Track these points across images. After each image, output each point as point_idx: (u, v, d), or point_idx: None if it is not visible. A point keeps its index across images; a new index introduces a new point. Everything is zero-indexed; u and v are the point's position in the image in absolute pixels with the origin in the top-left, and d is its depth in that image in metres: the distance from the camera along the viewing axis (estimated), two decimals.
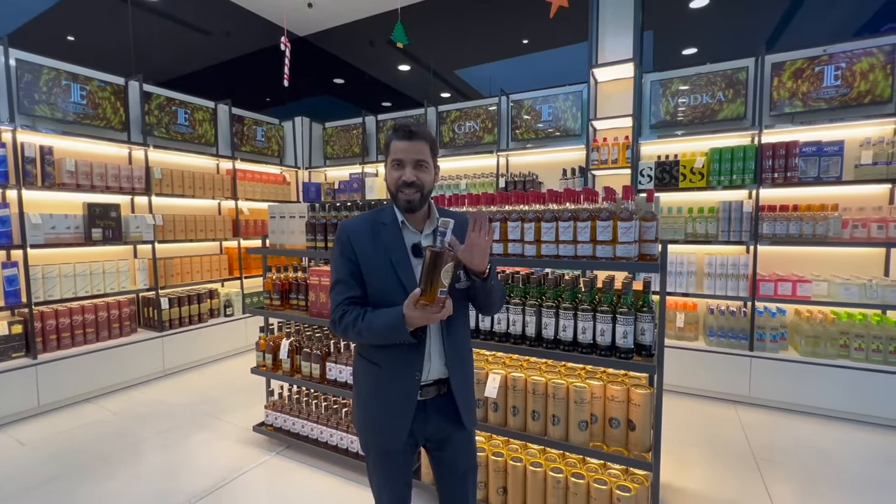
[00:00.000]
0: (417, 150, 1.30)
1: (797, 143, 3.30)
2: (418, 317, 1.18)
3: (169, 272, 4.30)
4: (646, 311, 1.80)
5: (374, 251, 1.32)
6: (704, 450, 2.78)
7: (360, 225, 1.37)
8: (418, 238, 1.36)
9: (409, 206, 1.31)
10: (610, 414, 1.85)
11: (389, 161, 1.33)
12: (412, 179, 1.29)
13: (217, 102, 4.97)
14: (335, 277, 1.37)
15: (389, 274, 1.30)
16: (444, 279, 1.13)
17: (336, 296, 1.35)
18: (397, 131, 1.32)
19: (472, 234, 1.21)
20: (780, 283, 3.36)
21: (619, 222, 1.76)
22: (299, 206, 2.68)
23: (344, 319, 1.30)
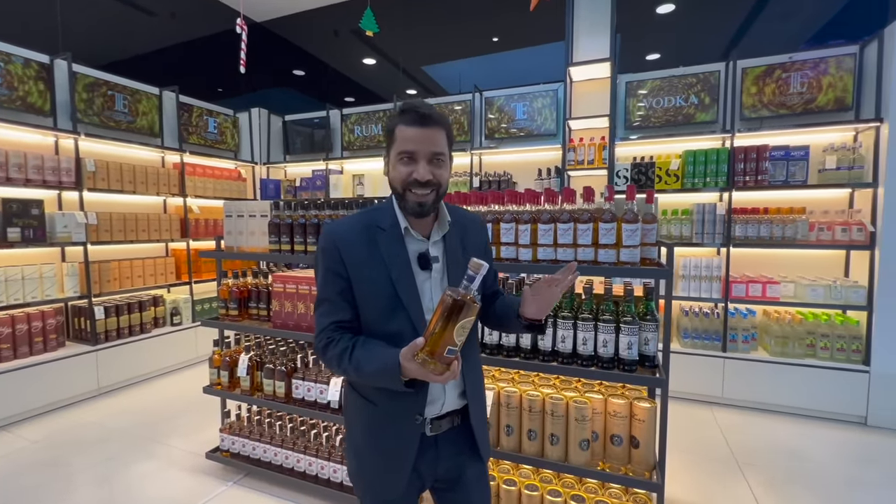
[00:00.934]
0: (433, 141, 1.03)
1: (767, 147, 3.36)
2: (416, 371, 0.93)
3: (104, 277, 3.81)
4: (649, 319, 1.68)
5: (370, 264, 1.06)
6: (689, 454, 2.74)
7: (350, 230, 1.09)
8: (425, 246, 1.11)
9: (420, 209, 1.05)
10: (612, 431, 1.72)
11: (395, 153, 1.05)
12: (427, 178, 1.03)
13: (162, 89, 4.49)
14: (321, 296, 1.11)
15: (388, 293, 1.05)
16: (457, 336, 0.88)
17: (321, 317, 1.11)
18: (406, 114, 1.04)
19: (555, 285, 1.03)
20: (750, 285, 3.40)
21: (624, 224, 1.62)
22: (260, 203, 2.38)
23: (329, 351, 1.07)
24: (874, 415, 3.07)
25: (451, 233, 1.14)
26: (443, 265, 1.12)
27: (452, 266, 1.12)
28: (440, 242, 1.14)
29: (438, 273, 1.11)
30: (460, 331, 0.88)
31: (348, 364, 1.03)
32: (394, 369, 0.95)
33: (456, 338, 0.88)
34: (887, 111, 3.01)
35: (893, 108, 2.98)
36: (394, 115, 1.08)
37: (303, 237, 2.20)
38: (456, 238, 1.15)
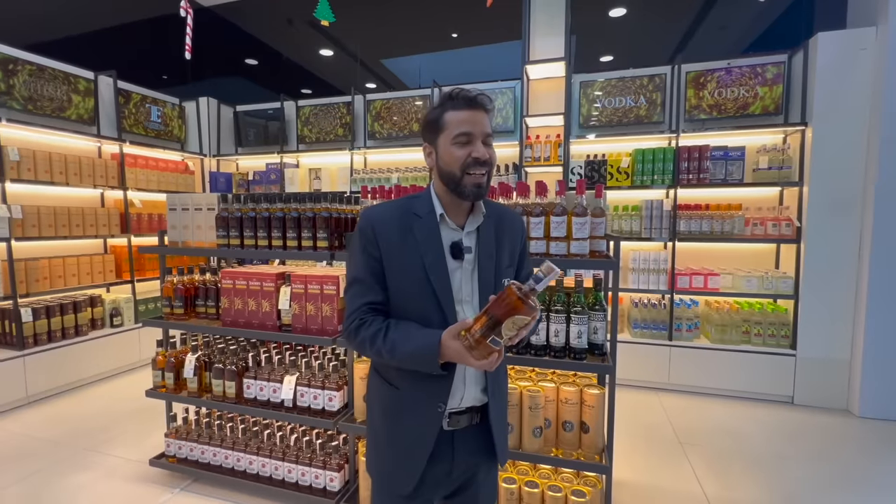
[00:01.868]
0: (484, 122, 1.06)
1: (708, 147, 3.57)
2: (456, 351, 0.94)
3: (32, 276, 3.51)
4: (598, 309, 1.74)
5: (404, 249, 1.07)
6: (636, 438, 2.88)
7: (388, 215, 1.10)
8: (459, 235, 1.11)
9: (478, 190, 1.06)
10: (564, 417, 1.78)
11: (450, 137, 1.05)
12: (486, 156, 1.05)
13: (98, 73, 4.17)
14: (352, 275, 1.12)
15: (420, 279, 1.06)
16: (506, 330, 0.88)
17: (352, 299, 1.10)
18: (454, 100, 1.06)
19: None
20: (693, 277, 3.62)
21: (574, 218, 1.68)
22: (207, 196, 2.27)
23: (360, 333, 1.06)
24: (800, 394, 3.35)
25: (486, 225, 1.15)
26: (475, 256, 1.12)
27: (484, 258, 1.12)
28: (474, 233, 1.14)
29: (470, 264, 1.11)
30: (511, 325, 0.88)
31: (382, 345, 1.02)
32: (433, 347, 0.96)
33: (505, 331, 0.88)
34: (811, 116, 3.28)
35: (817, 113, 3.24)
36: (436, 105, 1.10)
37: (253, 231, 2.12)
38: (490, 230, 1.15)
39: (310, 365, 2.18)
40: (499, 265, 1.14)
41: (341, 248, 2.04)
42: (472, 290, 1.11)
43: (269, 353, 2.27)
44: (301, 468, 2.14)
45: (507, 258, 1.17)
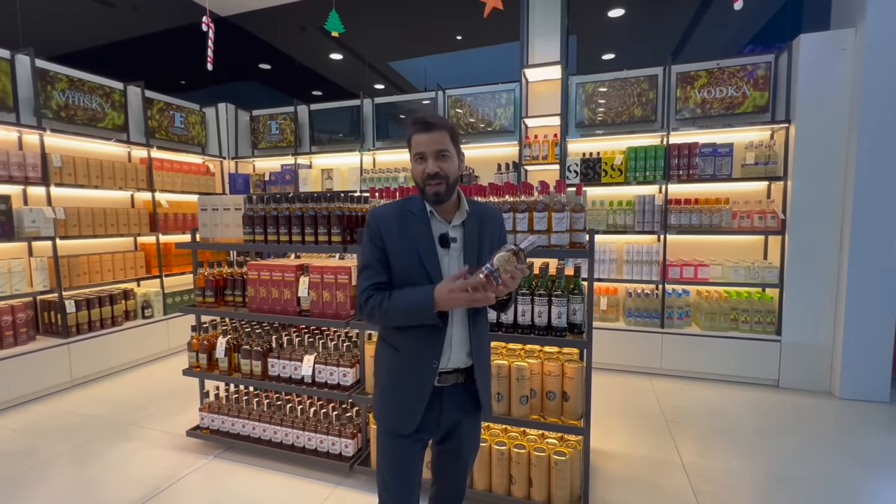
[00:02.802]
0: (437, 141, 1.30)
1: (697, 144, 3.77)
2: (448, 294, 1.18)
3: (74, 272, 3.86)
4: (577, 293, 1.99)
5: (401, 240, 1.33)
6: (624, 417, 3.11)
7: (388, 213, 1.37)
8: (445, 228, 1.36)
9: (436, 197, 1.32)
10: (547, 388, 2.03)
11: (412, 156, 1.35)
12: (435, 170, 1.29)
13: (127, 83, 4.51)
14: (363, 262, 1.39)
15: (415, 264, 1.32)
16: (497, 261, 1.14)
17: (364, 280, 1.37)
18: (415, 125, 1.32)
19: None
20: (684, 268, 3.82)
21: (553, 213, 1.92)
22: (234, 197, 2.56)
23: (370, 302, 1.32)
24: (785, 378, 3.55)
25: (470, 220, 1.39)
26: (460, 245, 1.38)
27: (468, 247, 1.37)
28: (459, 227, 1.38)
29: (456, 252, 1.37)
30: (502, 261, 1.14)
31: (389, 304, 1.28)
32: (428, 296, 1.22)
33: (495, 261, 1.15)
34: (795, 114, 3.45)
35: (800, 111, 3.42)
36: (409, 126, 1.37)
37: (275, 228, 2.41)
38: (474, 225, 1.40)
39: (326, 345, 2.46)
40: (481, 252, 1.40)
41: (353, 242, 2.32)
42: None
43: (290, 335, 2.57)
44: (319, 436, 2.43)
45: (489, 247, 1.42)
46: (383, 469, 1.42)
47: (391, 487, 1.39)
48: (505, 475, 2.06)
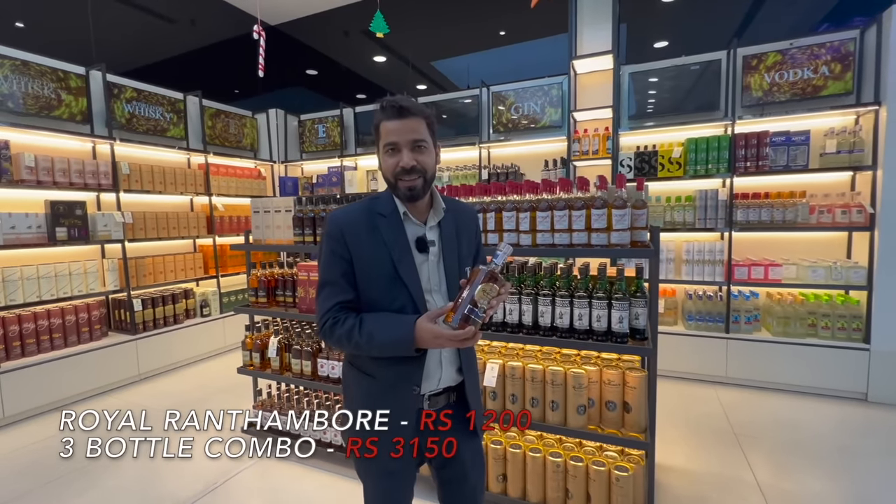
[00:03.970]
0: (412, 129, 1.12)
1: (767, 133, 3.45)
2: (431, 334, 1.04)
3: (140, 272, 4.11)
4: (639, 296, 1.84)
5: (372, 247, 1.14)
6: (688, 429, 2.89)
7: (354, 217, 1.17)
8: (422, 231, 1.20)
9: (411, 194, 1.14)
10: (606, 397, 1.90)
11: (381, 146, 1.15)
12: (411, 164, 1.12)
13: (186, 94, 4.76)
14: (324, 278, 1.18)
15: (389, 273, 1.14)
16: (479, 298, 1.01)
17: (324, 301, 1.17)
18: (385, 110, 1.13)
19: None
20: (753, 268, 3.51)
21: (614, 210, 1.79)
22: (284, 199, 2.60)
23: (336, 330, 1.13)
24: (875, 391, 3.16)
25: (446, 219, 1.24)
26: (438, 248, 1.22)
27: (448, 250, 1.22)
28: (436, 228, 1.23)
29: (435, 256, 1.21)
30: (483, 295, 1.02)
31: (360, 337, 1.09)
32: (408, 334, 1.05)
33: (480, 301, 1.02)
34: (885, 95, 3.07)
35: (892, 91, 3.04)
36: (377, 112, 1.15)
37: None
38: (451, 224, 1.25)
39: None
40: (460, 255, 1.26)
41: None
42: (439, 279, 1.22)
43: None
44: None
45: (466, 248, 1.30)
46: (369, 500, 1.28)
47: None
48: (560, 489, 1.95)
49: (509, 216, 2.00)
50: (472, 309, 1.03)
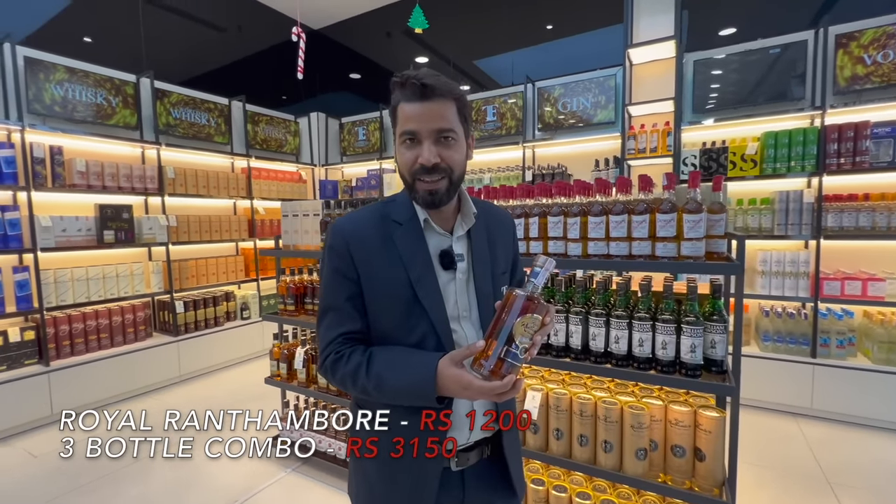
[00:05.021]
0: (438, 115, 0.86)
1: (868, 123, 2.92)
2: (458, 382, 0.80)
3: (184, 274, 4.18)
4: (716, 319, 1.51)
5: (385, 264, 0.91)
6: (769, 471, 2.46)
7: (363, 225, 0.94)
8: (448, 242, 0.96)
9: (431, 199, 0.90)
10: (673, 441, 1.57)
11: (398, 135, 0.90)
12: (434, 161, 0.87)
13: (231, 99, 4.82)
14: (325, 303, 0.96)
15: (407, 298, 0.90)
16: (519, 337, 0.78)
17: (327, 330, 0.95)
18: (405, 87, 0.87)
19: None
20: (847, 282, 2.99)
21: (686, 215, 1.47)
22: (313, 203, 2.47)
23: (339, 368, 0.91)
24: None
25: (477, 227, 1.00)
26: (468, 264, 0.97)
27: (479, 265, 0.98)
28: (464, 238, 0.99)
29: (463, 274, 0.96)
30: (523, 331, 0.78)
31: (366, 380, 0.87)
32: (428, 380, 0.81)
33: (519, 340, 0.78)
34: None
35: None
36: (394, 89, 0.90)
37: None
38: (482, 233, 1.01)
39: None
40: (495, 271, 1.00)
41: None
42: (468, 304, 0.96)
43: None
44: None
45: (503, 263, 1.04)
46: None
47: None
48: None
49: (556, 221, 1.73)
50: (508, 350, 0.78)
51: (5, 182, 3.08)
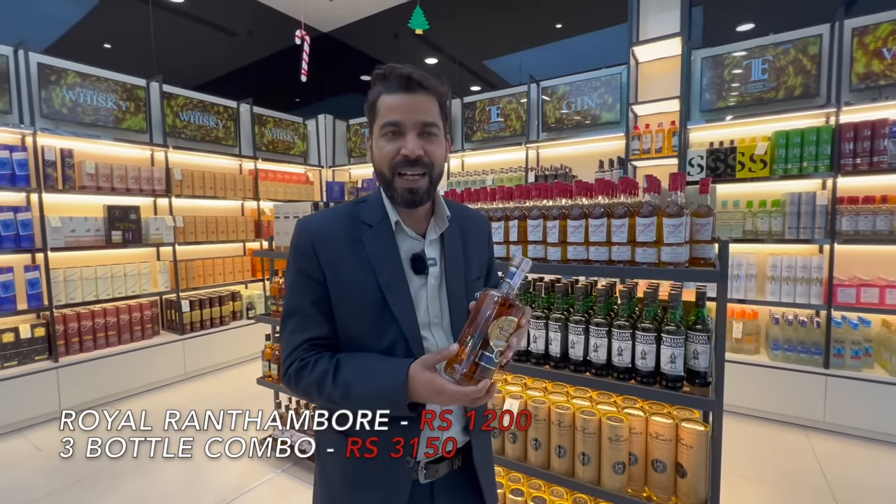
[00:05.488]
0: (422, 108, 0.85)
1: (886, 121, 2.76)
2: (431, 387, 0.77)
3: (190, 274, 4.26)
4: (699, 328, 1.43)
5: (354, 268, 0.88)
6: (770, 485, 2.35)
7: (331, 225, 0.91)
8: (420, 246, 0.94)
9: (411, 197, 0.87)
10: (654, 455, 1.51)
11: (378, 127, 0.88)
12: (418, 154, 0.85)
13: (239, 102, 4.90)
14: (289, 306, 0.93)
15: (375, 303, 0.87)
16: (494, 340, 0.76)
17: (290, 335, 0.91)
18: (387, 80, 0.86)
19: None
20: (863, 289, 2.83)
21: (665, 219, 1.40)
22: (303, 205, 2.48)
23: (303, 377, 0.87)
24: None
25: (451, 230, 0.98)
26: (440, 268, 0.95)
27: (452, 269, 0.95)
28: (437, 241, 0.97)
29: (436, 278, 0.94)
30: (498, 334, 0.76)
31: (332, 389, 0.84)
32: (399, 387, 0.79)
33: (494, 343, 0.76)
34: None
35: None
36: (375, 82, 0.89)
37: None
38: (456, 237, 0.99)
39: None
40: (468, 276, 0.97)
41: None
42: (440, 310, 0.94)
43: None
44: None
45: (477, 267, 1.01)
46: None
47: None
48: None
49: (535, 225, 1.68)
50: (483, 354, 0.77)
51: (18, 184, 3.19)
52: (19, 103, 3.32)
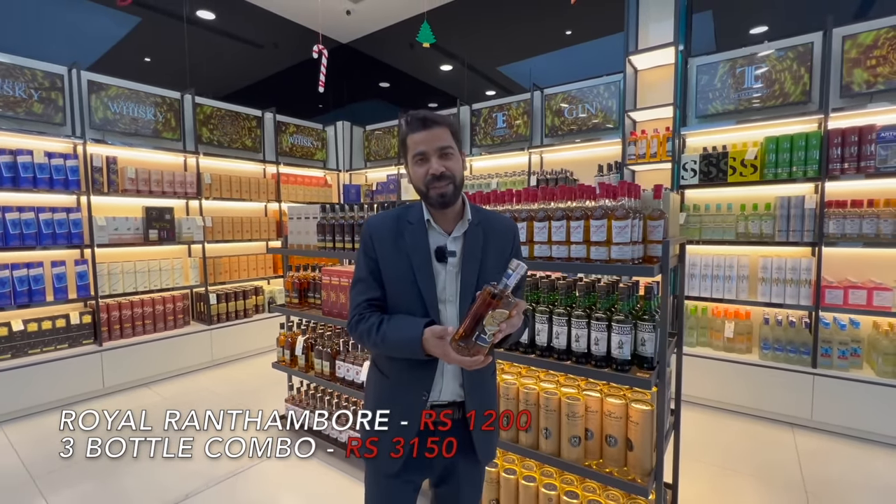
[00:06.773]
0: (438, 137, 1.17)
1: (873, 126, 2.83)
2: (437, 348, 1.06)
3: (217, 270, 4.64)
4: (647, 319, 1.62)
5: (395, 253, 1.21)
6: (748, 477, 2.47)
7: (383, 223, 1.26)
8: (444, 240, 1.23)
9: (443, 200, 1.17)
10: (607, 431, 1.69)
11: (411, 158, 1.21)
12: (440, 170, 1.16)
13: (263, 111, 5.28)
14: (356, 275, 1.29)
15: (408, 280, 1.19)
16: (488, 324, 1.00)
17: (356, 295, 1.26)
18: (410, 123, 1.19)
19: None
20: (851, 291, 2.90)
21: (614, 221, 1.60)
22: (313, 207, 2.75)
23: (360, 326, 1.21)
24: None
25: (473, 231, 1.24)
26: (459, 259, 1.23)
27: (468, 261, 1.22)
28: (460, 238, 1.24)
29: (454, 267, 1.22)
30: (491, 320, 1.00)
31: (376, 336, 1.16)
32: (416, 340, 1.09)
33: (488, 327, 1.01)
34: None
35: None
36: (402, 127, 1.25)
37: (342, 236, 2.51)
38: (477, 237, 1.24)
39: None
40: (483, 268, 1.21)
41: None
42: (455, 291, 1.22)
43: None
44: None
45: (494, 263, 1.23)
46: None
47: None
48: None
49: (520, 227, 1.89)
50: (479, 335, 1.02)
51: (71, 188, 3.62)
52: (72, 116, 3.75)
